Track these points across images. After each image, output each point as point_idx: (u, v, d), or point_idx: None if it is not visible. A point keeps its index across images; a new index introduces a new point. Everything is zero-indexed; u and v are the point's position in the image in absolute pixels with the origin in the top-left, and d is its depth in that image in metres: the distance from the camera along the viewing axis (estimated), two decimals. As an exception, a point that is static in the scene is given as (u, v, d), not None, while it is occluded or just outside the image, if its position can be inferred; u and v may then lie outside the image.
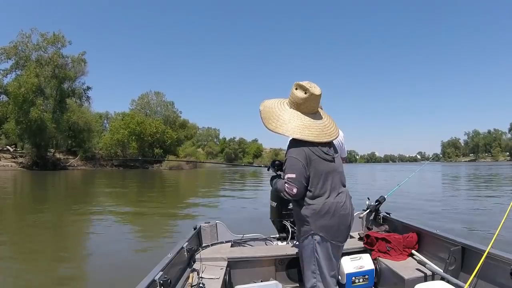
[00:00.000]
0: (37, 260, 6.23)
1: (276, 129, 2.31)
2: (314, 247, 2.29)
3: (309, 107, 2.36)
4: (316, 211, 2.25)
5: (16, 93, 46.78)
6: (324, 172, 2.29)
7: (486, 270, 2.53)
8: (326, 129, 2.39)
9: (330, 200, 2.27)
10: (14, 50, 50.66)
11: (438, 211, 10.95)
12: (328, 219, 2.26)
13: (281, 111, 2.37)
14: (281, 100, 2.47)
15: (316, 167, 2.27)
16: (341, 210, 2.30)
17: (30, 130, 48.24)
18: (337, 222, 2.29)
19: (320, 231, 2.26)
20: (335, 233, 2.30)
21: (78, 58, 55.89)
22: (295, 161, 2.25)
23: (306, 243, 2.32)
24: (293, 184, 2.24)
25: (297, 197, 2.29)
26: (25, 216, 11.06)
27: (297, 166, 2.24)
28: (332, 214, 2.26)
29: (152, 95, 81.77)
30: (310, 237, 2.29)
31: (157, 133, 70.12)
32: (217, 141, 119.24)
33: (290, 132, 2.29)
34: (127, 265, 5.64)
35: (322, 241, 2.27)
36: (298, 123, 2.32)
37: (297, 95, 2.34)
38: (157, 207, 13.42)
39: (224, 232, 3.92)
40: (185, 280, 2.84)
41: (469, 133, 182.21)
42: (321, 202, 2.26)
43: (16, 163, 49.81)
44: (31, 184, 26.92)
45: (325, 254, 2.28)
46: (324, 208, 2.25)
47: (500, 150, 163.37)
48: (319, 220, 2.26)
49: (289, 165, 2.27)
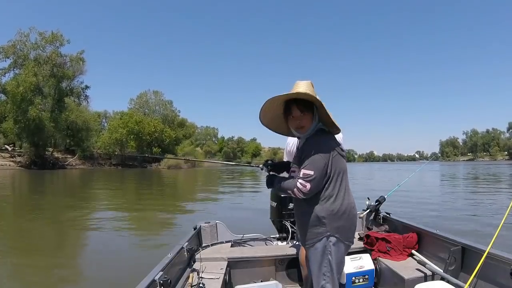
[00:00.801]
0: (36, 260, 6.21)
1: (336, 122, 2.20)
2: (329, 249, 2.17)
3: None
4: (334, 211, 2.14)
5: (14, 92, 46.72)
6: (342, 171, 2.20)
7: (486, 270, 2.53)
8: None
9: (346, 201, 2.18)
10: (13, 49, 50.57)
11: (438, 211, 10.96)
12: (345, 220, 2.17)
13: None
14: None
15: (336, 164, 2.15)
16: (353, 210, 2.23)
17: (28, 129, 48.16)
18: (350, 223, 2.22)
19: (336, 232, 2.16)
20: (348, 234, 2.23)
21: (77, 57, 55.77)
22: (318, 158, 2.10)
23: (319, 245, 2.19)
24: (310, 182, 2.08)
25: (308, 195, 2.12)
26: (23, 216, 11.04)
27: (320, 163, 2.09)
28: (348, 214, 2.19)
29: (150, 94, 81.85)
30: (325, 239, 2.17)
31: (156, 132, 70.13)
32: (215, 140, 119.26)
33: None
34: (127, 265, 5.63)
35: (337, 243, 2.17)
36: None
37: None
38: (156, 207, 13.40)
39: (224, 232, 3.92)
40: (185, 280, 2.84)
41: (468, 133, 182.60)
42: (339, 203, 2.16)
43: (14, 162, 49.68)
44: (30, 183, 26.85)
45: (338, 256, 2.20)
46: (342, 209, 2.15)
47: (499, 150, 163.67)
48: (336, 221, 2.15)
49: (312, 161, 2.10)
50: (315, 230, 2.17)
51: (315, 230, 2.17)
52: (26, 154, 50.80)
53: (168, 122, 77.90)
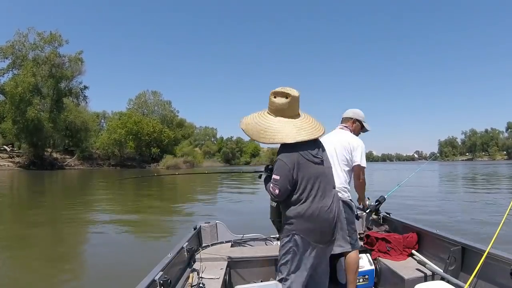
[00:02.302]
0: (36, 261, 6.21)
1: (274, 140, 2.32)
2: (294, 246, 2.35)
3: (294, 110, 2.39)
4: (300, 214, 2.31)
5: (13, 92, 46.68)
6: (313, 176, 2.34)
7: (486, 270, 2.53)
8: (315, 125, 2.43)
9: (314, 205, 2.31)
10: (11, 49, 50.54)
11: (438, 210, 10.97)
12: (311, 223, 2.31)
13: (268, 122, 2.38)
14: (259, 113, 2.48)
15: (304, 171, 2.31)
16: (324, 214, 2.33)
17: (27, 130, 48.10)
18: (319, 225, 2.33)
19: (301, 233, 2.33)
20: (316, 236, 2.34)
21: (75, 57, 55.77)
22: (282, 164, 2.30)
23: (286, 241, 2.39)
24: (276, 185, 2.31)
25: (279, 198, 2.36)
26: (22, 216, 11.04)
27: (284, 169, 2.29)
28: (316, 218, 2.31)
29: (149, 94, 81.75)
30: (291, 236, 2.36)
31: (154, 132, 70.10)
32: (214, 140, 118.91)
33: (289, 138, 2.30)
34: (127, 265, 5.62)
35: (302, 242, 2.33)
36: (291, 127, 2.34)
37: (279, 102, 2.36)
38: (156, 207, 13.40)
39: (224, 232, 3.92)
40: (185, 280, 2.84)
41: (466, 132, 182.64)
42: (305, 206, 2.31)
43: (13, 162, 49.58)
44: (28, 184, 26.80)
45: (303, 254, 2.35)
46: (308, 212, 2.30)
47: (497, 149, 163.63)
48: (301, 223, 2.32)
49: (277, 167, 2.33)
50: (285, 227, 2.40)
51: (285, 227, 2.40)
52: (25, 155, 50.79)
53: (167, 122, 77.86)
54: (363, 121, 3.49)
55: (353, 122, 3.46)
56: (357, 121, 3.48)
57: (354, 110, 3.55)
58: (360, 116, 3.49)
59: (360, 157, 3.24)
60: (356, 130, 3.47)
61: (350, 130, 3.41)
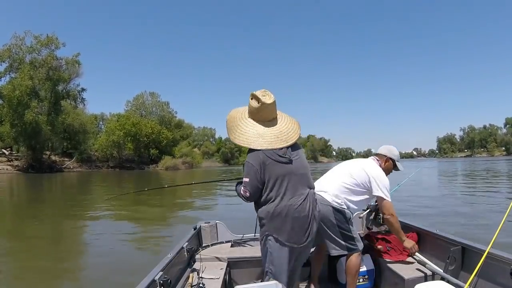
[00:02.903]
0: (36, 261, 6.21)
1: (235, 140, 2.41)
2: (269, 249, 2.37)
3: (264, 115, 2.42)
4: (270, 213, 2.32)
5: (10, 96, 46.59)
6: (280, 175, 2.34)
7: (486, 270, 2.53)
8: (282, 135, 2.43)
9: (283, 203, 2.32)
10: (8, 53, 50.38)
11: (438, 210, 10.95)
12: (279, 221, 2.32)
13: (240, 121, 2.45)
14: (245, 108, 2.52)
15: (271, 170, 2.33)
16: (294, 212, 2.32)
17: (25, 133, 47.98)
18: (289, 224, 2.32)
19: (273, 233, 2.34)
20: (288, 235, 2.33)
21: (72, 60, 55.51)
22: (249, 166, 2.34)
23: (263, 243, 2.42)
24: (246, 188, 2.35)
25: (250, 200, 2.41)
26: (21, 219, 10.99)
27: (251, 171, 2.33)
28: (284, 216, 2.31)
29: (147, 95, 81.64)
30: (265, 237, 2.39)
31: (153, 133, 70.04)
32: (213, 140, 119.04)
33: (245, 142, 2.38)
34: (127, 266, 5.62)
35: (275, 243, 2.34)
36: (253, 132, 2.39)
37: (252, 104, 2.40)
38: (155, 208, 13.38)
39: (224, 232, 3.92)
40: (185, 280, 2.84)
41: (465, 129, 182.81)
42: (273, 205, 2.32)
43: (11, 166, 49.47)
44: (27, 187, 26.76)
45: (279, 255, 2.36)
46: (276, 211, 2.31)
47: (496, 145, 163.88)
48: (271, 222, 2.33)
49: (245, 170, 2.37)
50: (261, 229, 2.43)
51: (261, 229, 2.43)
52: (23, 158, 50.62)
53: (165, 123, 77.74)
54: (396, 160, 3.40)
55: (386, 160, 3.37)
56: (390, 160, 3.38)
57: (389, 147, 3.45)
58: (394, 154, 3.40)
59: (380, 188, 3.09)
60: (388, 169, 3.37)
61: (382, 167, 3.31)
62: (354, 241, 2.97)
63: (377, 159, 3.35)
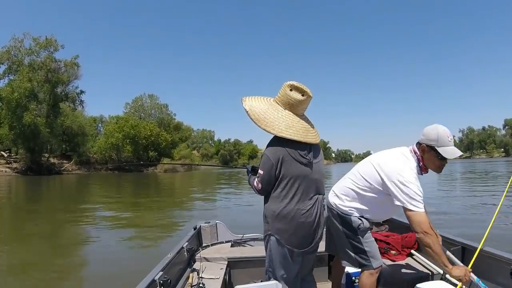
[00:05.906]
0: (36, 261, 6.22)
1: (281, 133, 2.24)
2: (270, 248, 2.34)
3: (302, 109, 2.37)
4: (275, 213, 2.27)
5: (9, 98, 46.45)
6: (295, 176, 2.26)
7: (486, 270, 2.53)
8: (312, 131, 2.38)
9: (290, 206, 2.25)
10: (7, 55, 50.34)
11: (437, 210, 10.97)
12: (284, 223, 2.26)
13: (277, 112, 2.31)
14: (266, 98, 2.43)
15: (287, 168, 2.25)
16: (301, 217, 2.26)
17: (23, 135, 47.89)
18: (293, 227, 2.26)
19: (275, 233, 2.29)
20: (289, 238, 2.27)
21: (71, 62, 55.46)
22: (266, 159, 2.27)
23: (265, 241, 2.38)
24: (259, 180, 2.31)
25: (261, 194, 2.37)
26: (20, 221, 10.99)
27: (267, 164, 2.26)
28: (290, 219, 2.25)
29: (146, 98, 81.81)
30: (268, 237, 2.34)
31: (152, 136, 70.01)
32: (212, 143, 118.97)
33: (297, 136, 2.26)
34: (127, 266, 5.64)
35: (277, 244, 2.29)
36: (299, 125, 2.30)
37: (294, 96, 2.29)
38: (155, 209, 13.39)
39: (224, 232, 3.91)
40: (185, 280, 2.84)
41: (464, 130, 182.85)
42: (281, 206, 2.26)
43: (10, 168, 49.35)
44: (26, 189, 26.74)
45: (279, 256, 2.31)
46: (283, 212, 2.25)
47: (495, 147, 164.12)
48: (275, 222, 2.28)
49: (261, 162, 2.31)
50: (264, 227, 2.37)
51: (264, 227, 2.37)
52: (22, 160, 50.46)
53: (164, 125, 77.80)
54: (437, 146, 2.33)
55: (422, 149, 2.41)
56: (428, 147, 2.37)
57: (427, 128, 2.42)
58: (430, 139, 2.35)
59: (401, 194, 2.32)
60: (430, 161, 2.43)
61: (419, 159, 2.44)
62: (366, 256, 2.45)
63: (414, 150, 2.46)
